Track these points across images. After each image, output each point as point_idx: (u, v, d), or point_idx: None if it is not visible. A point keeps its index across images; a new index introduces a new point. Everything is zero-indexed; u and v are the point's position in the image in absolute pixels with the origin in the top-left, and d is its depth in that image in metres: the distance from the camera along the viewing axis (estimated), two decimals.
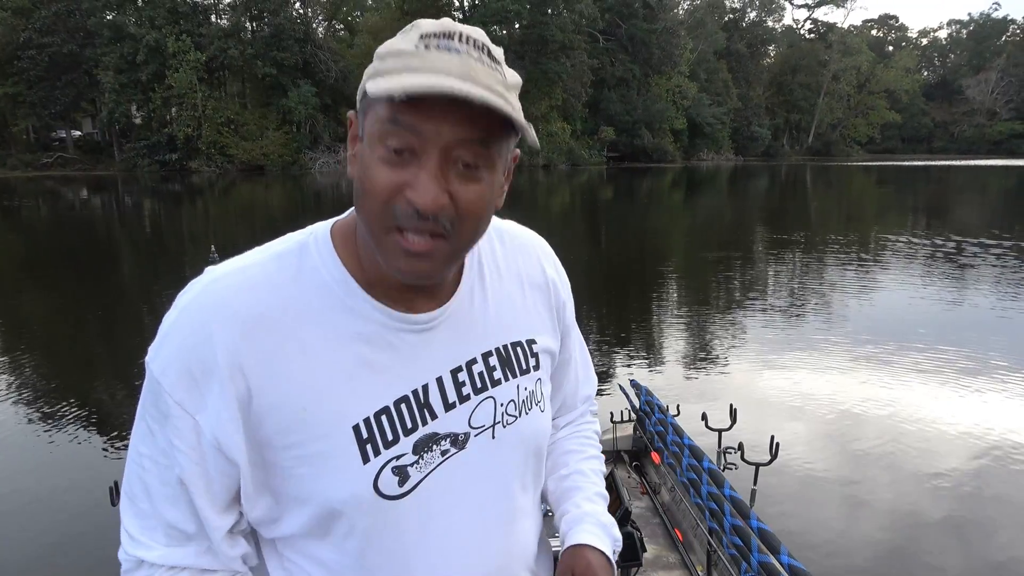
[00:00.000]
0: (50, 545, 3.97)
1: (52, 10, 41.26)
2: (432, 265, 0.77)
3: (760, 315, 9.32)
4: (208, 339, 0.78)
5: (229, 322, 0.79)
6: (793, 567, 2.32)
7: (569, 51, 48.13)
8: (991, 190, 34.81)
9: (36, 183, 35.75)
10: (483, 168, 0.75)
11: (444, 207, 0.73)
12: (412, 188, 0.72)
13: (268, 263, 0.84)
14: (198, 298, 0.81)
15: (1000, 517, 4.30)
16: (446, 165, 0.73)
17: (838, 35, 75.82)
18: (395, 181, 0.73)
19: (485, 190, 0.76)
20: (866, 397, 6.15)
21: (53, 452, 5.21)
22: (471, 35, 0.74)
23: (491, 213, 0.81)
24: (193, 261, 13.37)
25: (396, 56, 0.73)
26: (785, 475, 4.59)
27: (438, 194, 0.72)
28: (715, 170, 52.35)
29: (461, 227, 0.76)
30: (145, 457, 0.83)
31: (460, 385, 0.88)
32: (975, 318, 9.15)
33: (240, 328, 0.79)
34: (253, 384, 0.79)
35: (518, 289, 0.99)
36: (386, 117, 0.72)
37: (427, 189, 0.72)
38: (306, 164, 43.21)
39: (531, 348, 0.98)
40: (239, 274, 0.83)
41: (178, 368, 0.79)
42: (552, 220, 21.35)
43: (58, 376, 7.08)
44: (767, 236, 18.00)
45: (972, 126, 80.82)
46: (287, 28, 42.61)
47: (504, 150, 0.78)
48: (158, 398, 0.81)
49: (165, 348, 0.81)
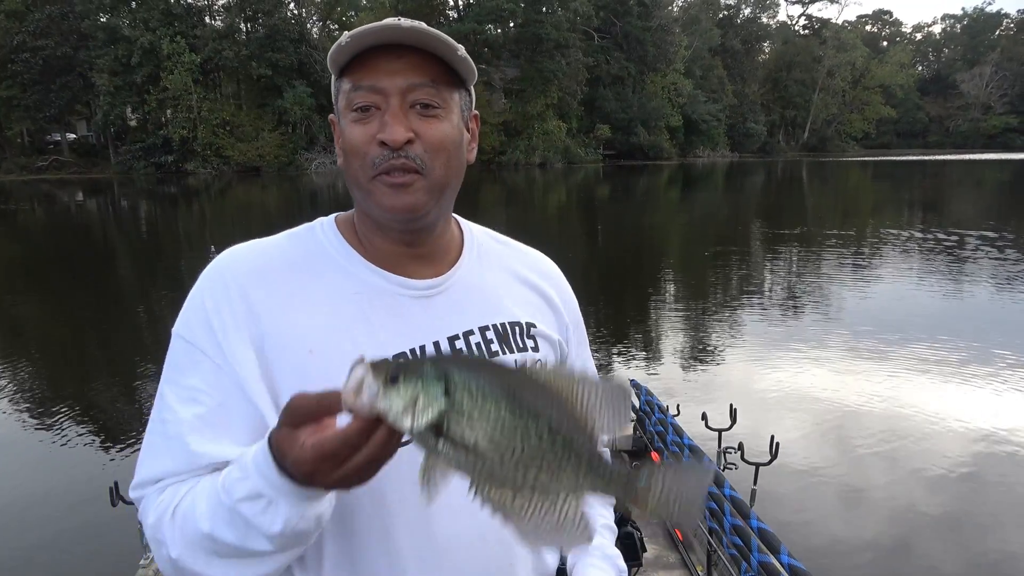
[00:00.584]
0: (50, 545, 3.98)
1: (46, 13, 41.17)
2: (415, 197, 0.89)
3: (760, 313, 9.34)
4: (225, 289, 0.90)
5: (243, 273, 0.92)
6: (793, 567, 2.32)
7: (564, 49, 48.09)
8: (987, 184, 34.89)
9: (31, 186, 35.67)
10: (440, 108, 0.88)
11: (410, 141, 0.86)
12: (380, 131, 0.86)
13: (280, 239, 0.99)
14: (216, 263, 0.94)
15: (1001, 514, 4.32)
16: (406, 107, 0.86)
17: (832, 31, 75.88)
18: (367, 133, 0.87)
19: (445, 127, 0.89)
20: (867, 394, 6.17)
21: (51, 453, 5.21)
22: (414, 24, 0.86)
23: (459, 154, 0.93)
24: (190, 263, 13.36)
25: (343, 39, 0.87)
26: (785, 475, 4.59)
27: (402, 131, 0.85)
28: (711, 167, 52.38)
29: (432, 161, 0.88)
30: (167, 412, 0.87)
31: (457, 352, 0.93)
32: (975, 311, 9.19)
33: (253, 278, 0.91)
34: (265, 327, 0.88)
35: (517, 283, 1.06)
36: (348, 88, 0.87)
37: (392, 127, 0.85)
38: (302, 165, 43.17)
39: (529, 330, 1.01)
40: (253, 244, 0.97)
41: (200, 319, 0.89)
42: (549, 218, 21.37)
43: (54, 377, 7.08)
44: (765, 232, 18.03)
45: (967, 121, 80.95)
46: (282, 29, 42.57)
47: (457, 98, 0.91)
48: (183, 355, 0.89)
49: (188, 308, 0.92)
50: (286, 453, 0.68)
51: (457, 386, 0.61)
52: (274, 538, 0.75)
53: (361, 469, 0.66)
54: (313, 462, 0.66)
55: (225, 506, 0.76)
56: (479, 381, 0.62)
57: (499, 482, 0.63)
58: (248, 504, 0.74)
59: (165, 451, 0.86)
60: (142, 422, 5.70)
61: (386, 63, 0.85)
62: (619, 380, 0.67)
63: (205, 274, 0.93)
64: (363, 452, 0.65)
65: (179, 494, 0.83)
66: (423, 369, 0.62)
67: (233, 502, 0.75)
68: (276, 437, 0.70)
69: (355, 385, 0.62)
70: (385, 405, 0.61)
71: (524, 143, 48.21)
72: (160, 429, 0.87)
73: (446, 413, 0.61)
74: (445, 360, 0.66)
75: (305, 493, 0.72)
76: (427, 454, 0.64)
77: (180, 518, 0.81)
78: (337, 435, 0.65)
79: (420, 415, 0.61)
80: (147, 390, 6.57)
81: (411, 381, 0.61)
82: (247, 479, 0.74)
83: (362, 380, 0.61)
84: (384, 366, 0.62)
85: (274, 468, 0.71)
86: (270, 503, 0.73)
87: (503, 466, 0.62)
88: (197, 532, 0.78)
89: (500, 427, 0.62)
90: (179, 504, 0.82)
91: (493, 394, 0.62)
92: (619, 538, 2.80)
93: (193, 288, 0.94)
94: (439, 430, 0.61)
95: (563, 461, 0.63)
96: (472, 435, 0.61)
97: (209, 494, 0.79)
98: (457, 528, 0.91)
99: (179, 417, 0.86)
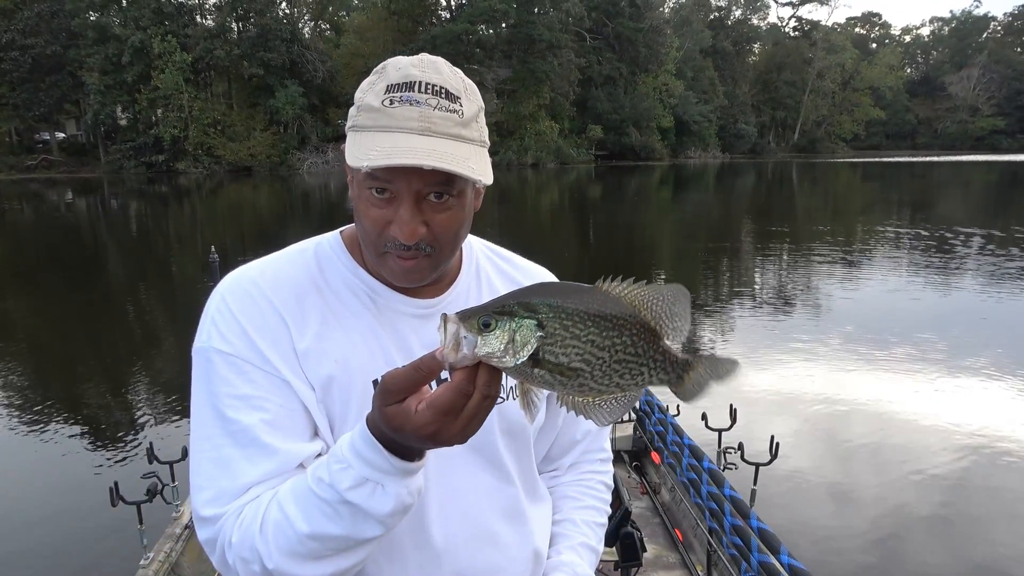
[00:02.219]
0: (51, 545, 3.97)
1: (35, 11, 40.82)
2: (420, 275, 0.94)
3: (759, 312, 9.39)
4: (253, 302, 0.94)
5: (268, 288, 0.95)
6: (793, 567, 2.34)
7: (556, 50, 48.12)
8: (974, 185, 35.18)
9: (20, 186, 35.37)
10: (452, 198, 0.91)
11: (422, 236, 0.90)
12: (395, 224, 0.89)
13: (290, 254, 1.03)
14: (235, 280, 0.97)
15: (1001, 512, 4.37)
16: (419, 202, 0.89)
17: (822, 33, 76.23)
18: (382, 217, 0.90)
19: (456, 214, 0.93)
20: (867, 393, 6.21)
21: (50, 454, 5.20)
22: (430, 82, 0.89)
23: (468, 227, 0.98)
24: (182, 264, 13.30)
25: (367, 112, 0.89)
26: (785, 475, 4.62)
27: (415, 228, 0.89)
28: (702, 167, 52.55)
29: (440, 246, 0.93)
30: (231, 424, 0.89)
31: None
32: (968, 309, 9.27)
33: (278, 292, 0.95)
34: (296, 337, 0.93)
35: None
36: (365, 173, 0.89)
37: (405, 226, 0.89)
38: (294, 164, 42.98)
39: None
40: (265, 261, 1.01)
41: (237, 331, 0.92)
42: (541, 219, 21.39)
43: (49, 378, 7.03)
44: (758, 232, 18.11)
45: (955, 122, 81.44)
46: (273, 28, 42.35)
47: (469, 181, 0.92)
48: (227, 368, 0.90)
49: (218, 322, 0.93)
50: (402, 425, 0.72)
51: (548, 318, 0.68)
52: (385, 519, 0.79)
53: (476, 414, 0.71)
54: (436, 421, 0.70)
55: (326, 501, 0.79)
56: (566, 309, 0.69)
57: (586, 390, 0.71)
58: (356, 492, 0.77)
59: (243, 460, 0.87)
60: (142, 421, 5.72)
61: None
62: (678, 286, 0.74)
63: (226, 289, 0.96)
64: (475, 397, 0.70)
65: (261, 508, 0.84)
66: (513, 309, 0.68)
67: (340, 494, 0.78)
68: (382, 416, 0.73)
69: (452, 341, 0.67)
70: (486, 351, 0.67)
71: (517, 143, 48.22)
72: (228, 443, 0.88)
73: (541, 343, 0.68)
74: (528, 294, 0.71)
75: (408, 467, 0.77)
76: (523, 381, 0.71)
77: (272, 529, 0.82)
78: (448, 388, 0.70)
79: (520, 352, 0.67)
80: (142, 390, 6.55)
81: (504, 323, 0.67)
82: (349, 468, 0.77)
83: (457, 334, 0.67)
84: (474, 316, 0.68)
85: (380, 450, 0.76)
86: (377, 486, 0.77)
87: (592, 378, 0.71)
88: (296, 537, 0.80)
89: (590, 345, 0.69)
90: (264, 517, 0.83)
91: (580, 317, 0.69)
92: (619, 538, 2.83)
93: (212, 304, 0.96)
94: (535, 359, 0.68)
95: (640, 365, 0.73)
96: (566, 357, 0.69)
97: (299, 496, 0.81)
98: (454, 529, 0.98)
99: (246, 425, 0.88)
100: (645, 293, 0.73)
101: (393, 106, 0.87)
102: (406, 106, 0.87)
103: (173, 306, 9.84)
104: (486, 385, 0.70)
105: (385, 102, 0.88)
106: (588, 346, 0.70)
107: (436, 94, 0.88)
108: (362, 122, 0.89)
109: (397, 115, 0.87)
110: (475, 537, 1.01)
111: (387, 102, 0.88)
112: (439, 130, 0.87)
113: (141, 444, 5.15)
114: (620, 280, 0.72)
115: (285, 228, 16.90)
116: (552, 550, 1.13)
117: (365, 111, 0.89)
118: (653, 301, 0.73)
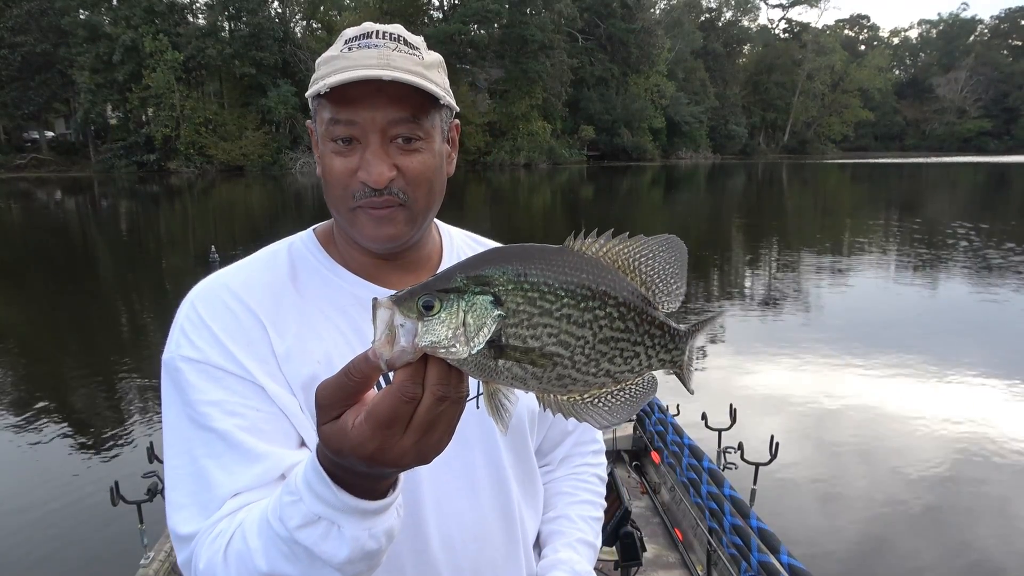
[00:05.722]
0: (52, 544, 3.97)
1: (25, 8, 40.40)
2: (396, 228, 0.89)
3: (759, 312, 9.43)
4: (225, 307, 0.88)
5: (240, 291, 0.90)
6: (793, 567, 2.37)
7: (548, 50, 48.14)
8: (962, 186, 35.47)
9: (9, 184, 35.00)
10: (421, 140, 0.86)
11: (392, 179, 0.85)
12: (362, 169, 0.85)
13: (263, 257, 0.98)
14: (206, 286, 0.92)
15: (1002, 511, 4.42)
16: (386, 143, 0.85)
17: (812, 35, 76.55)
18: (347, 167, 0.86)
19: (427, 158, 0.88)
20: (867, 393, 6.25)
21: (50, 454, 5.19)
22: (388, 30, 0.86)
23: (441, 178, 0.93)
24: (173, 264, 13.23)
25: (326, 62, 0.86)
26: (785, 474, 4.64)
27: (384, 169, 0.84)
28: (693, 168, 52.69)
29: (414, 193, 0.88)
30: (206, 433, 0.82)
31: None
32: (964, 307, 9.35)
33: (250, 294, 0.90)
34: (274, 339, 0.88)
35: None
36: (328, 118, 0.85)
37: (373, 167, 0.84)
38: (286, 164, 42.79)
39: None
40: (238, 266, 0.96)
41: (208, 338, 0.86)
42: (534, 218, 21.41)
43: (43, 378, 7.00)
44: (754, 232, 18.18)
45: (943, 124, 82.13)
46: (265, 27, 42.14)
47: (437, 121, 0.89)
48: (199, 376, 0.84)
49: (187, 331, 0.87)
50: (340, 447, 0.57)
51: (507, 291, 0.52)
52: (343, 566, 0.64)
53: (432, 422, 0.55)
54: (376, 437, 0.54)
55: (281, 537, 0.65)
56: (530, 278, 0.53)
57: (569, 383, 0.56)
58: (307, 531, 0.64)
59: (218, 470, 0.79)
60: (143, 421, 5.71)
61: (365, 97, 0.83)
62: (668, 236, 0.61)
63: (196, 296, 0.91)
64: (425, 401, 0.54)
65: (228, 532, 0.74)
66: (461, 284, 0.52)
67: (289, 532, 0.64)
68: (321, 442, 0.60)
69: (386, 331, 0.51)
70: (430, 340, 0.51)
71: (509, 143, 48.23)
72: (203, 453, 0.80)
73: (502, 324, 0.52)
74: (480, 264, 0.54)
75: (362, 506, 0.62)
76: (486, 379, 0.55)
77: (235, 561, 0.71)
78: (387, 393, 0.54)
79: (474, 337, 0.51)
80: (142, 389, 6.53)
81: (451, 303, 0.52)
82: (299, 502, 0.64)
83: (391, 322, 0.51)
84: (411, 297, 0.52)
85: (328, 482, 0.61)
86: (331, 526, 0.63)
87: (574, 365, 0.55)
88: (257, 573, 0.68)
89: (565, 322, 0.54)
90: (229, 545, 0.72)
91: (549, 287, 0.53)
92: (619, 538, 2.87)
93: (181, 312, 0.90)
94: (497, 346, 0.52)
95: (633, 344, 0.57)
96: (537, 340, 0.53)
97: (260, 526, 0.69)
98: (451, 530, 0.95)
99: (221, 431, 0.80)
100: (629, 249, 0.59)
101: (351, 51, 0.84)
102: (364, 49, 0.84)
103: (169, 306, 9.75)
104: (438, 384, 0.54)
105: (343, 49, 0.85)
106: (563, 322, 0.54)
107: (395, 40, 0.86)
108: (321, 73, 0.85)
109: (354, 56, 0.83)
110: (472, 536, 0.97)
111: (346, 49, 0.85)
112: (398, 66, 0.83)
113: (141, 443, 5.15)
114: (595, 235, 0.57)
115: (278, 227, 16.87)
116: (549, 548, 1.09)
117: (324, 63, 0.86)
118: (640, 259, 0.59)
